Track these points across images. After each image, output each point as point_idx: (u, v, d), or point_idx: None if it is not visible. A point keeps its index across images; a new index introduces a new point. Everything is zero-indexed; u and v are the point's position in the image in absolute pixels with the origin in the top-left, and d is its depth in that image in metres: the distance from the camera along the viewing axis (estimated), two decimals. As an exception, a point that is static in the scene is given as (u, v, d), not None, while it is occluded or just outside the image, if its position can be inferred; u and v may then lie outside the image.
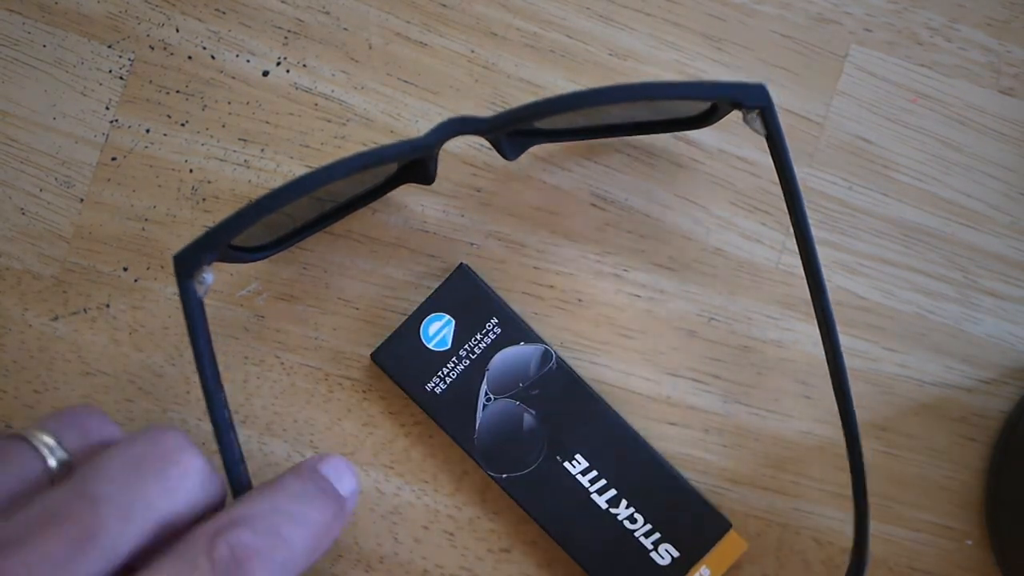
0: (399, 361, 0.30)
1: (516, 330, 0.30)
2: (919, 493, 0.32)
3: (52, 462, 0.22)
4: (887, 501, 0.32)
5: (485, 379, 0.30)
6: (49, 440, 0.22)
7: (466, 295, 0.30)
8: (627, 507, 0.30)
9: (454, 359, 0.30)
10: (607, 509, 0.30)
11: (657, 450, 0.31)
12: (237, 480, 0.26)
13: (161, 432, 0.23)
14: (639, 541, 0.30)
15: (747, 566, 0.31)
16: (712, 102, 0.28)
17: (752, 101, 0.27)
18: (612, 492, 0.30)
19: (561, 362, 0.30)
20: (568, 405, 0.30)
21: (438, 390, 0.30)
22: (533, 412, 0.30)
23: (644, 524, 0.30)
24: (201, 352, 0.26)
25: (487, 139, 0.28)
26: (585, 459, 0.30)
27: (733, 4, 0.32)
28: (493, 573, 0.31)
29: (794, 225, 0.27)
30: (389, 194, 0.32)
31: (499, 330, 0.30)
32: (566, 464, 0.30)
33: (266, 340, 0.32)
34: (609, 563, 0.30)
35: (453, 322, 0.30)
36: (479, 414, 0.30)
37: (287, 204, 0.26)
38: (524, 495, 0.30)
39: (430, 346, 0.30)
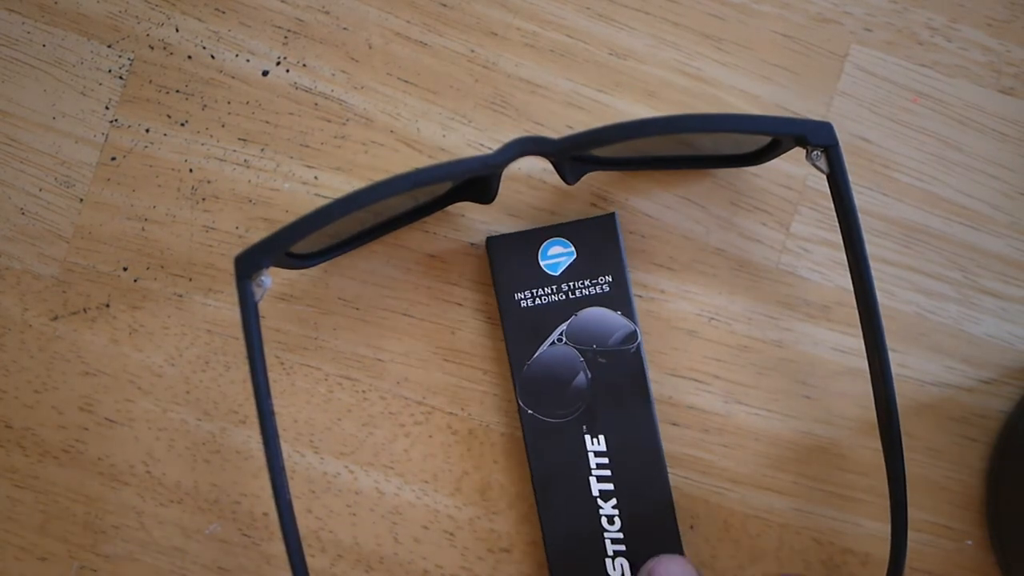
0: (507, 258, 0.30)
1: (622, 299, 0.30)
2: (919, 493, 0.32)
3: None
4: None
5: (568, 322, 0.30)
6: None
7: (601, 240, 0.30)
8: (613, 507, 0.30)
9: (554, 287, 0.30)
10: (595, 497, 0.30)
11: (672, 485, 0.30)
12: (275, 463, 0.27)
13: None
14: (604, 541, 0.30)
15: (748, 566, 0.31)
16: (776, 137, 0.28)
17: (818, 139, 0.26)
18: (609, 486, 0.30)
19: (640, 350, 0.30)
20: (622, 390, 0.30)
21: (523, 304, 0.30)
22: (590, 375, 0.30)
23: (618, 531, 0.30)
24: (254, 350, 0.26)
25: (551, 161, 0.28)
26: (606, 444, 0.30)
27: (733, 4, 0.32)
28: (493, 573, 0.31)
29: (851, 263, 0.27)
30: (389, 194, 0.32)
31: (608, 288, 0.30)
32: (588, 437, 0.30)
33: (266, 340, 0.32)
34: (567, 544, 0.30)
35: (574, 256, 0.30)
36: (543, 347, 0.30)
37: (347, 215, 0.26)
38: (535, 439, 0.30)
39: (542, 263, 0.30)
